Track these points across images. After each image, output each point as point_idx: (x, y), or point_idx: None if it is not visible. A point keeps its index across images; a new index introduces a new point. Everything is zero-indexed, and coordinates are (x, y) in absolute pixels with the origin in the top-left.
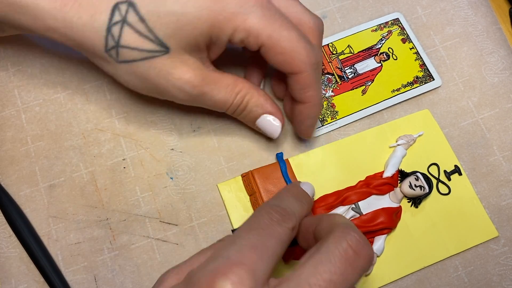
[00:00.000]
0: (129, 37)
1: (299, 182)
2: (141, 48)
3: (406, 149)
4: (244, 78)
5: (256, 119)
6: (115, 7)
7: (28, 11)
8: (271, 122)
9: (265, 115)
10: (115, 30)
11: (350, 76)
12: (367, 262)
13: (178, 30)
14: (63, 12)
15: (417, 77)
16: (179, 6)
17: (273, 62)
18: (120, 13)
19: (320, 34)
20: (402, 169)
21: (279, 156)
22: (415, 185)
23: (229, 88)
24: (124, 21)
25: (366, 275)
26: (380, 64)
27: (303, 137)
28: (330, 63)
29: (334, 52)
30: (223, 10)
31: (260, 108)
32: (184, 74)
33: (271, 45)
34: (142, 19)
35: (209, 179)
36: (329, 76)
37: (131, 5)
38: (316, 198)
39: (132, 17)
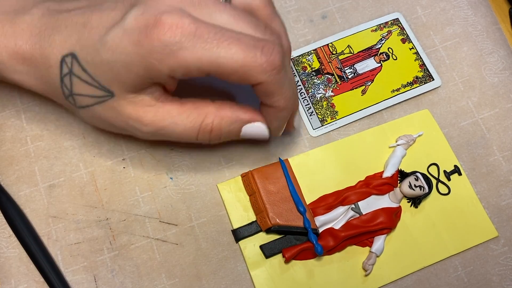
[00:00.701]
0: (79, 86)
1: None
2: (91, 95)
3: (406, 149)
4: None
5: (239, 134)
6: (62, 60)
7: None
8: (255, 129)
9: (245, 126)
10: (67, 80)
11: (350, 76)
12: None
13: (115, 75)
14: (24, 65)
15: (416, 77)
16: (110, 54)
17: (230, 82)
18: (67, 65)
19: (269, 8)
20: (402, 169)
21: (282, 163)
22: (414, 185)
23: (191, 117)
24: (71, 72)
25: (366, 275)
26: (380, 64)
27: (273, 135)
28: (330, 63)
29: (334, 52)
30: (151, 53)
31: (236, 123)
32: (133, 113)
33: (217, 70)
34: (84, 69)
35: (208, 179)
36: (329, 76)
37: (74, 57)
38: (316, 198)
39: (76, 68)
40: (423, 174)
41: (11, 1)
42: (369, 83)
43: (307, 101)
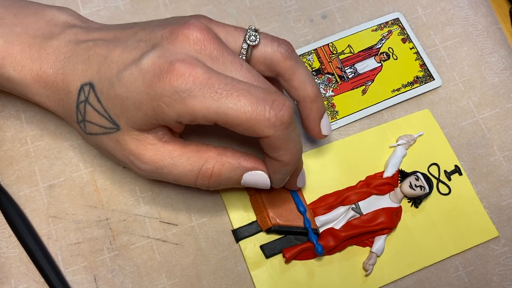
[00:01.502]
0: (91, 114)
1: None
2: (100, 124)
3: (406, 149)
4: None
5: (239, 181)
6: (81, 88)
7: (16, 87)
8: (256, 177)
9: (245, 174)
10: (81, 107)
11: (350, 76)
12: None
13: (124, 111)
14: (45, 89)
15: (417, 77)
16: (124, 90)
17: (237, 132)
18: (84, 93)
19: (291, 60)
20: (402, 169)
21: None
22: (415, 185)
23: (191, 160)
24: (86, 100)
25: (366, 275)
26: (380, 64)
27: (273, 185)
28: (330, 63)
29: (334, 52)
30: (161, 96)
31: (237, 170)
32: (134, 150)
33: (224, 120)
34: (98, 100)
35: None
36: (329, 76)
37: (92, 86)
38: (316, 198)
39: (92, 97)
40: (423, 174)
41: (40, 24)
42: (370, 83)
43: None
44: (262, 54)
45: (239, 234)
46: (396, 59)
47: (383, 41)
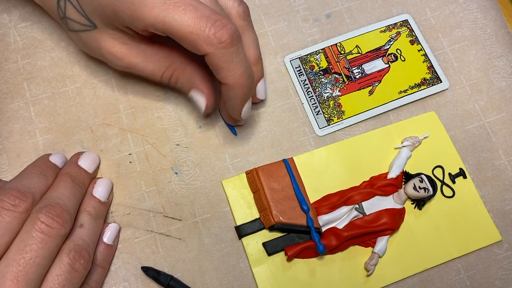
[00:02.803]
0: (71, 11)
1: (49, 155)
2: (79, 22)
3: (411, 151)
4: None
5: (187, 93)
6: None
7: None
8: (196, 99)
9: (192, 91)
10: (62, 4)
11: (357, 76)
12: (62, 227)
13: (95, 10)
14: None
15: (424, 79)
16: None
17: (184, 46)
18: None
19: (241, 14)
20: (407, 171)
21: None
22: (419, 187)
23: (160, 62)
24: None
25: (368, 275)
26: (388, 65)
27: (232, 116)
28: (338, 63)
29: (342, 52)
30: (118, 1)
31: (188, 83)
32: (111, 47)
33: (169, 31)
34: None
35: (213, 175)
36: (337, 75)
37: None
38: (319, 197)
39: None
40: (428, 176)
41: None
42: (377, 84)
43: (314, 100)
44: (223, 4)
45: (242, 231)
46: (404, 60)
47: (391, 42)
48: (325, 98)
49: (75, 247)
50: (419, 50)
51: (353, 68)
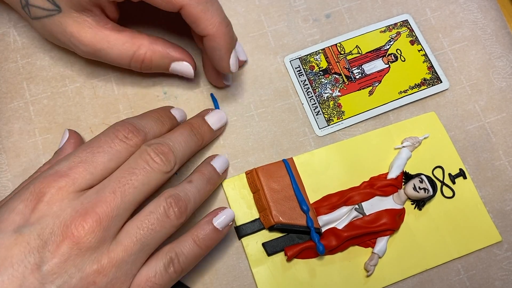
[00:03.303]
0: None
1: (171, 107)
2: (43, 7)
3: (411, 151)
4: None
5: (168, 68)
6: None
7: None
8: (181, 67)
9: (173, 63)
10: None
11: (357, 77)
12: (165, 165)
13: None
14: None
15: (424, 79)
16: None
17: (158, 6)
18: None
19: None
20: (407, 171)
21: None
22: (419, 187)
23: (126, 45)
24: None
25: (367, 276)
26: (388, 65)
27: (221, 71)
28: (337, 63)
29: (342, 52)
30: None
31: (166, 58)
32: (75, 32)
33: None
34: None
35: None
36: (337, 76)
37: None
38: (319, 197)
39: None
40: (427, 177)
41: None
42: (377, 84)
43: (314, 101)
44: None
45: (241, 231)
46: (404, 60)
47: (391, 43)
48: (325, 98)
49: (175, 195)
50: (419, 50)
51: (353, 69)
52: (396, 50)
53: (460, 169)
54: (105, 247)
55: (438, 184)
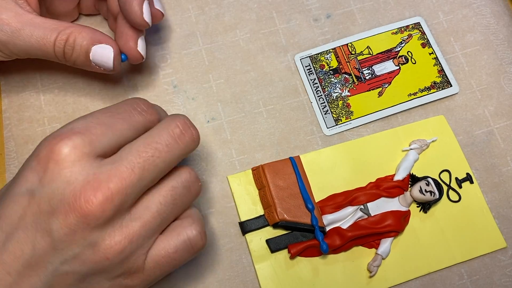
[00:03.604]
0: None
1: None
2: None
3: (419, 154)
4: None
5: (89, 53)
6: None
7: None
8: (102, 49)
9: (95, 46)
10: None
11: (367, 77)
12: (192, 141)
13: None
14: None
15: (434, 83)
16: None
17: None
18: None
19: None
20: (414, 174)
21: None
22: (425, 190)
23: (52, 25)
24: None
25: (370, 277)
26: (398, 67)
27: (134, 23)
28: (348, 63)
29: (353, 52)
30: None
31: (87, 40)
32: None
33: None
34: None
35: (219, 170)
36: (346, 75)
37: None
38: (325, 196)
39: None
40: (434, 180)
41: None
42: (386, 85)
43: (323, 100)
44: None
45: (246, 227)
46: (415, 63)
47: (403, 45)
48: (334, 97)
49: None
50: (430, 53)
51: (363, 69)
52: (407, 52)
53: (467, 174)
54: (118, 223)
55: (445, 188)
